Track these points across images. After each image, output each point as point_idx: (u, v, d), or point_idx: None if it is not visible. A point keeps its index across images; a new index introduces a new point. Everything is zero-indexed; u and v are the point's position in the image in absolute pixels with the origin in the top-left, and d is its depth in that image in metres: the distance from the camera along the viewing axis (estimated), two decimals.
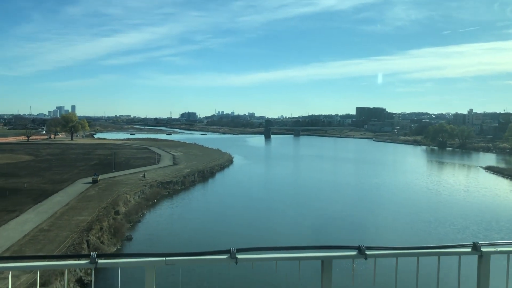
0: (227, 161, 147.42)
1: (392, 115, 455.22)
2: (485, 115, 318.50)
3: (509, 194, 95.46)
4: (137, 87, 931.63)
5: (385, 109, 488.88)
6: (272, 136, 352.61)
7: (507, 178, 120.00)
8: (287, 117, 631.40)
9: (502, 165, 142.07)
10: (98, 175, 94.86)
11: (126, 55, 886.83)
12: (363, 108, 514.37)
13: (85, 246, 49.61)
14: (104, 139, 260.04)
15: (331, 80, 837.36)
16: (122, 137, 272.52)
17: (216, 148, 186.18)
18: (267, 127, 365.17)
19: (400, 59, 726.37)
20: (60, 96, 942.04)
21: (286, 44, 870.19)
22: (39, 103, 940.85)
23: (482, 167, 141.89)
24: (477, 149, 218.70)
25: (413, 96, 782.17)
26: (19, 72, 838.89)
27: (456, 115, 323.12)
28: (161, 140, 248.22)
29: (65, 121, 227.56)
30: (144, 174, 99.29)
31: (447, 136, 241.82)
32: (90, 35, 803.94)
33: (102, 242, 54.24)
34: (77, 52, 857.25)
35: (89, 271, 39.56)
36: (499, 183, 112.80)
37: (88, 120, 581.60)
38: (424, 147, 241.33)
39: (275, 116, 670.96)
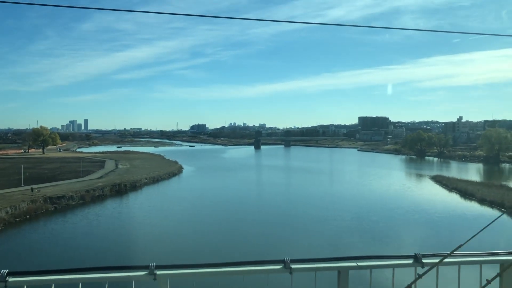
0: (168, 174, 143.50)
1: (394, 124, 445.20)
2: (478, 123, 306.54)
3: (419, 204, 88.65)
4: (149, 101, 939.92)
5: (388, 118, 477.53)
6: (262, 147, 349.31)
7: (443, 186, 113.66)
8: (298, 127, 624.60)
9: (451, 174, 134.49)
10: None
11: (138, 69, 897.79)
12: (366, 118, 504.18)
13: None
14: (82, 152, 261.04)
15: (342, 90, 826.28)
16: (102, 150, 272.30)
17: (174, 160, 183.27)
18: (257, 138, 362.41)
19: (411, 68, 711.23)
20: (73, 110, 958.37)
21: (296, 55, 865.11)
22: (53, 118, 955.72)
23: (430, 176, 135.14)
24: (454, 158, 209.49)
25: (427, 105, 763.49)
26: (34, 88, 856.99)
27: (446, 123, 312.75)
28: (135, 152, 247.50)
29: (36, 135, 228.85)
30: (32, 189, 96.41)
31: (425, 145, 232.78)
32: (103, 50, 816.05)
33: None
34: (91, 67, 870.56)
35: None
36: (427, 192, 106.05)
37: (96, 134, 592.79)
38: (404, 157, 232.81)
39: (287, 127, 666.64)
